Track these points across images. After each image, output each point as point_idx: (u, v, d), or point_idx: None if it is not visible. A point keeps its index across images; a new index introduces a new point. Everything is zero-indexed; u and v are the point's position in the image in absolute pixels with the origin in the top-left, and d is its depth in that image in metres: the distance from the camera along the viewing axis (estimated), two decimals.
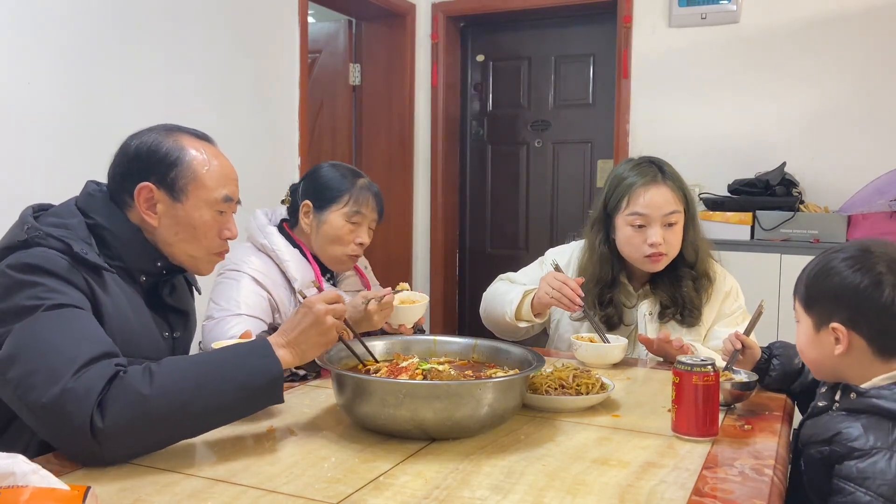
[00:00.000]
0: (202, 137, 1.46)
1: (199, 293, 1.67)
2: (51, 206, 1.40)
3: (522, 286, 2.02)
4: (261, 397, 1.22)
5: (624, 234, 1.94)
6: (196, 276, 1.62)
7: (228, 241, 1.48)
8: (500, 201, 4.52)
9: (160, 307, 1.47)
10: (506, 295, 2.02)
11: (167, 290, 1.48)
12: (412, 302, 1.82)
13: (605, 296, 1.98)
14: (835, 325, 1.28)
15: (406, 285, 1.81)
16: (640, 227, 1.91)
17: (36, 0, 2.32)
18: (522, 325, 1.99)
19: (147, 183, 1.37)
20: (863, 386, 1.26)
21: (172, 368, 1.17)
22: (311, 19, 3.82)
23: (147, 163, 1.38)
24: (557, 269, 1.94)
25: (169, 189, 1.38)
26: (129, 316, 1.34)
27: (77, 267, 1.26)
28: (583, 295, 1.85)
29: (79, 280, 1.25)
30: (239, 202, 1.50)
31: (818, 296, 1.32)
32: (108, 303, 1.30)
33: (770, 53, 3.57)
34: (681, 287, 1.94)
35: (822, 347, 1.31)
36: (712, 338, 1.96)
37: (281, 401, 1.24)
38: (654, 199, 1.90)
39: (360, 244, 1.94)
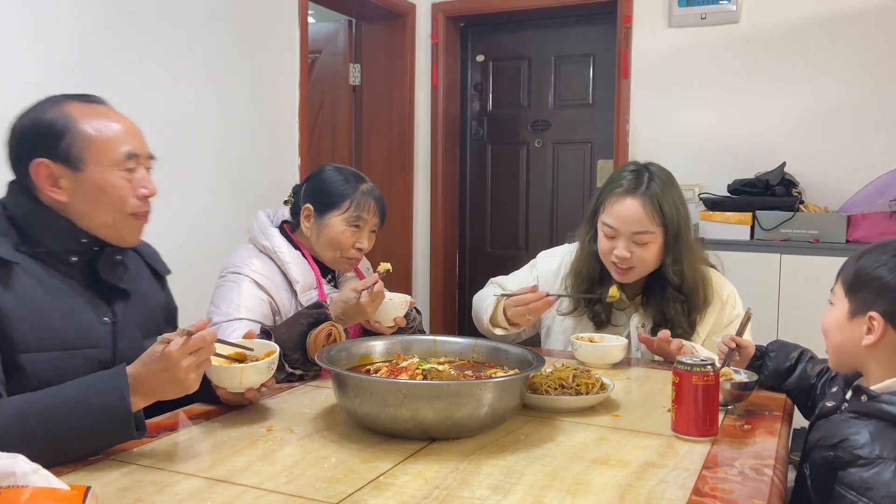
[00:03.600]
0: (90, 100, 1.37)
1: (169, 272, 1.58)
2: None
3: (497, 293, 2.01)
4: (106, 438, 1.17)
5: (599, 238, 1.92)
6: (159, 257, 1.56)
7: (148, 199, 1.38)
8: (500, 201, 4.52)
9: (101, 288, 1.38)
10: (485, 301, 2.02)
11: (108, 269, 1.38)
12: (389, 299, 1.83)
13: (595, 293, 1.96)
14: (873, 314, 1.25)
15: (388, 265, 1.81)
16: (611, 237, 1.87)
17: (36, 0, 2.32)
18: (499, 331, 1.97)
19: (40, 160, 1.30)
20: (875, 388, 1.25)
21: (5, 412, 1.11)
22: (311, 19, 3.82)
23: (35, 139, 1.31)
24: (505, 296, 1.94)
25: (65, 161, 1.30)
26: (49, 308, 1.27)
27: None
28: (543, 292, 1.86)
29: None
30: (152, 157, 1.40)
31: (865, 282, 1.28)
32: (10, 299, 1.23)
33: (770, 53, 3.57)
34: (669, 310, 1.89)
35: (851, 334, 1.29)
36: (711, 348, 1.92)
37: (134, 437, 1.18)
38: (624, 212, 1.83)
39: (360, 249, 1.94)
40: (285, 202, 2.04)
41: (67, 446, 1.14)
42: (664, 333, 1.80)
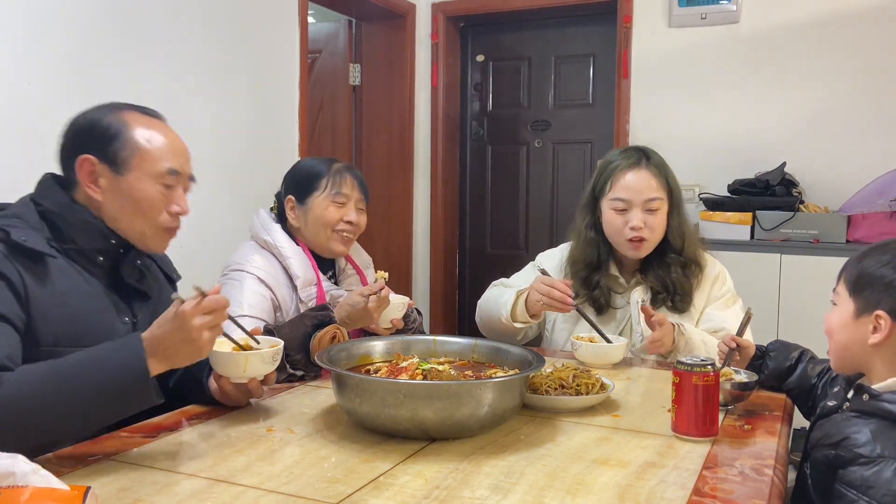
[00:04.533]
0: (150, 113, 1.43)
1: (180, 277, 1.62)
2: (9, 205, 1.39)
3: (515, 288, 2.03)
4: (126, 399, 1.17)
5: (607, 217, 1.98)
6: (171, 263, 1.60)
7: (180, 216, 1.44)
8: (500, 201, 4.51)
9: (123, 290, 1.42)
10: (500, 298, 2.03)
11: (130, 272, 1.43)
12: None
13: (593, 279, 2.01)
14: (879, 312, 1.25)
15: (385, 273, 1.82)
16: (623, 210, 1.94)
17: (36, 0, 2.32)
18: (519, 325, 1.99)
19: (88, 156, 1.35)
20: (877, 387, 1.25)
21: (24, 373, 1.13)
22: (311, 19, 3.82)
23: (89, 137, 1.37)
24: (544, 273, 1.95)
25: (110, 162, 1.36)
26: (76, 305, 1.31)
27: (13, 256, 1.25)
28: (572, 295, 1.86)
29: (11, 272, 1.23)
30: (193, 179, 1.46)
31: (869, 281, 1.28)
32: (45, 294, 1.27)
33: (770, 53, 3.57)
34: (670, 273, 1.97)
35: (857, 333, 1.28)
36: (705, 320, 1.98)
37: (154, 401, 1.19)
38: (636, 183, 1.94)
39: (349, 222, 1.95)
40: (271, 209, 2.05)
41: (88, 409, 1.14)
42: (660, 316, 1.83)
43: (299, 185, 1.97)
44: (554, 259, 2.13)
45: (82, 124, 1.39)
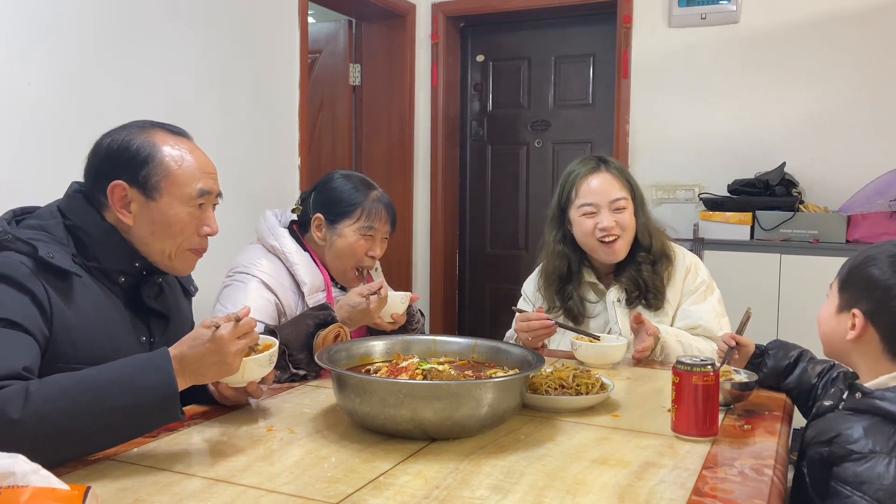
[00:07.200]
0: (177, 132, 1.43)
1: (197, 290, 1.63)
2: (37, 208, 1.38)
3: (513, 331, 2.07)
4: (154, 418, 1.17)
5: (578, 224, 2.02)
6: (192, 276, 1.59)
7: (208, 237, 1.43)
8: (500, 201, 4.51)
9: (141, 309, 1.42)
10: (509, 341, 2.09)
11: (151, 291, 1.43)
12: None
13: (566, 290, 2.05)
14: (855, 311, 1.29)
15: (411, 294, 1.86)
16: (592, 214, 1.99)
17: (36, 0, 2.32)
18: None
19: (119, 181, 1.34)
20: (869, 385, 1.26)
21: (53, 388, 1.10)
22: (311, 19, 3.82)
23: (118, 161, 1.35)
24: (520, 311, 2.00)
25: (141, 187, 1.35)
26: (96, 323, 1.30)
27: (40, 273, 1.24)
28: (548, 317, 1.92)
29: (37, 288, 1.22)
30: (220, 195, 1.46)
31: (853, 280, 1.33)
32: (68, 311, 1.26)
33: (770, 53, 3.57)
34: (641, 272, 2.01)
35: (838, 328, 1.33)
36: (681, 317, 2.01)
37: (178, 419, 1.18)
38: (599, 185, 2.01)
39: (373, 257, 1.95)
40: (293, 210, 2.03)
41: (115, 423, 1.13)
42: (637, 314, 1.89)
43: (331, 207, 1.93)
44: (533, 280, 2.18)
45: (111, 147, 1.37)
